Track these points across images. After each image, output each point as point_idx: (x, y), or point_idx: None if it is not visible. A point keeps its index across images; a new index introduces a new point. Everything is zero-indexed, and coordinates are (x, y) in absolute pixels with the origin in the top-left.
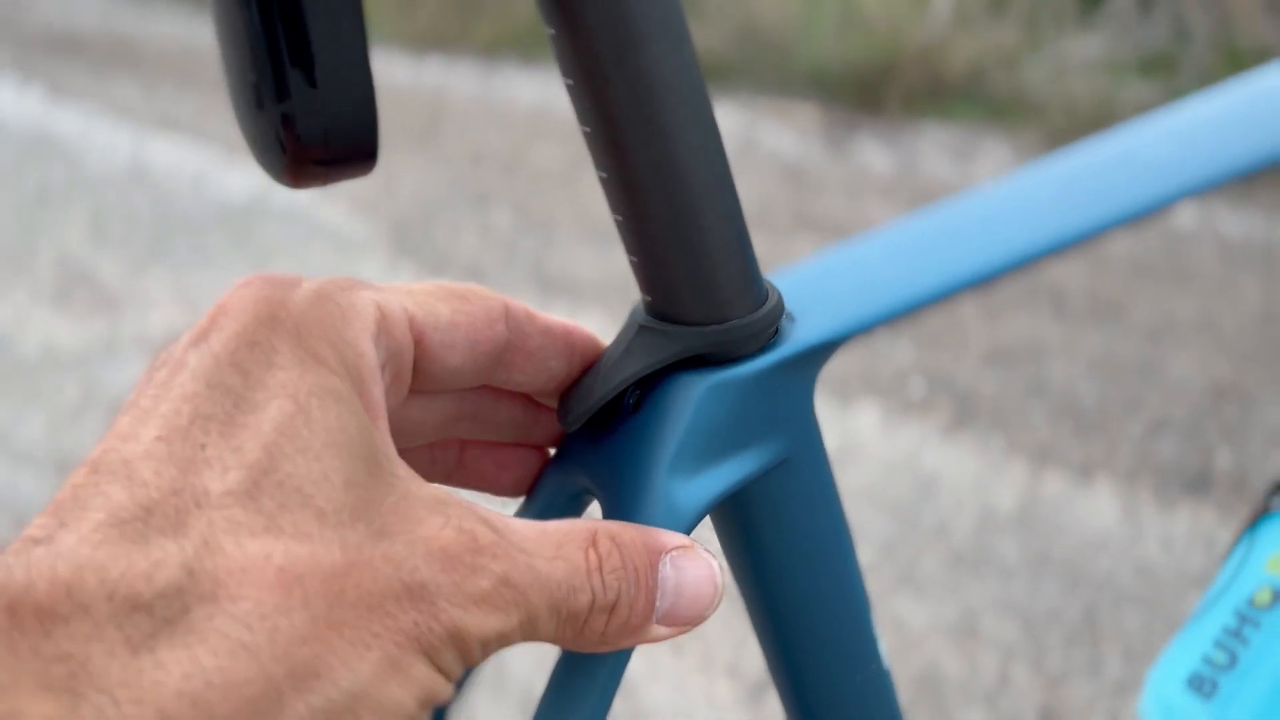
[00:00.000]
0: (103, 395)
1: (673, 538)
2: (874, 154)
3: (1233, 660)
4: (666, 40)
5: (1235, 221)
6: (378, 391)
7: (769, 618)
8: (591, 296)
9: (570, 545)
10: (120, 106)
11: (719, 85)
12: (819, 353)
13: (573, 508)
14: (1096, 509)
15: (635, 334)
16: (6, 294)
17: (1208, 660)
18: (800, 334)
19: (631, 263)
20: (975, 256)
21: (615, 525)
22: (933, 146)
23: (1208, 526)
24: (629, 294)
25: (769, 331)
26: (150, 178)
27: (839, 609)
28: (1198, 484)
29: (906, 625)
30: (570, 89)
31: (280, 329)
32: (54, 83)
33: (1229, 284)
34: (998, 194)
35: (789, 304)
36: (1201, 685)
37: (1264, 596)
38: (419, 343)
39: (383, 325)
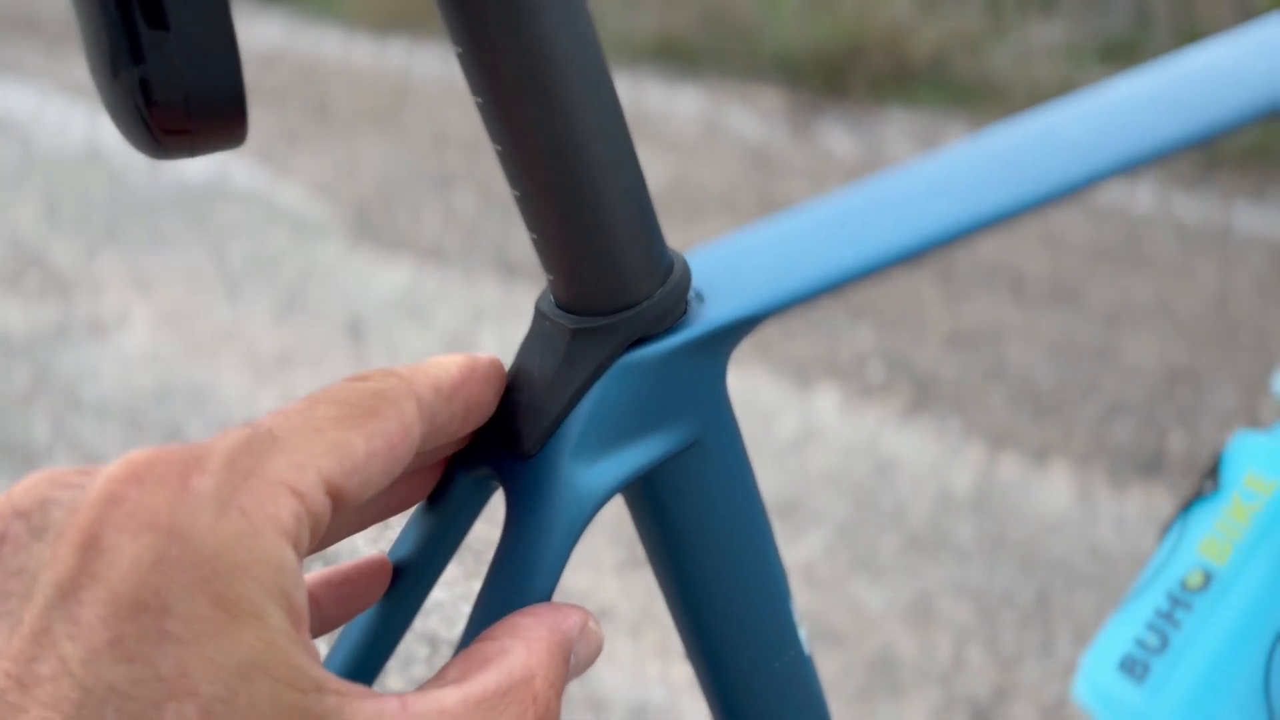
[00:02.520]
0: (53, 380)
1: (573, 618)
2: (838, 138)
3: (1164, 643)
4: (561, 9)
5: (1192, 206)
6: (300, 597)
7: (684, 603)
8: None
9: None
10: (75, 87)
11: (684, 68)
12: (730, 333)
13: (478, 495)
14: (1052, 492)
15: (570, 340)
16: None
17: (1140, 643)
18: (710, 314)
19: (533, 240)
20: (893, 235)
21: (535, 657)
22: (897, 131)
23: (1160, 509)
24: None
25: (676, 310)
26: (105, 159)
27: (755, 594)
28: (1151, 467)
29: (863, 608)
30: (461, 58)
31: (175, 575)
32: (5, 61)
33: (1185, 268)
34: (919, 172)
35: (701, 283)
36: (1133, 668)
37: (1195, 579)
38: (337, 497)
39: (301, 516)
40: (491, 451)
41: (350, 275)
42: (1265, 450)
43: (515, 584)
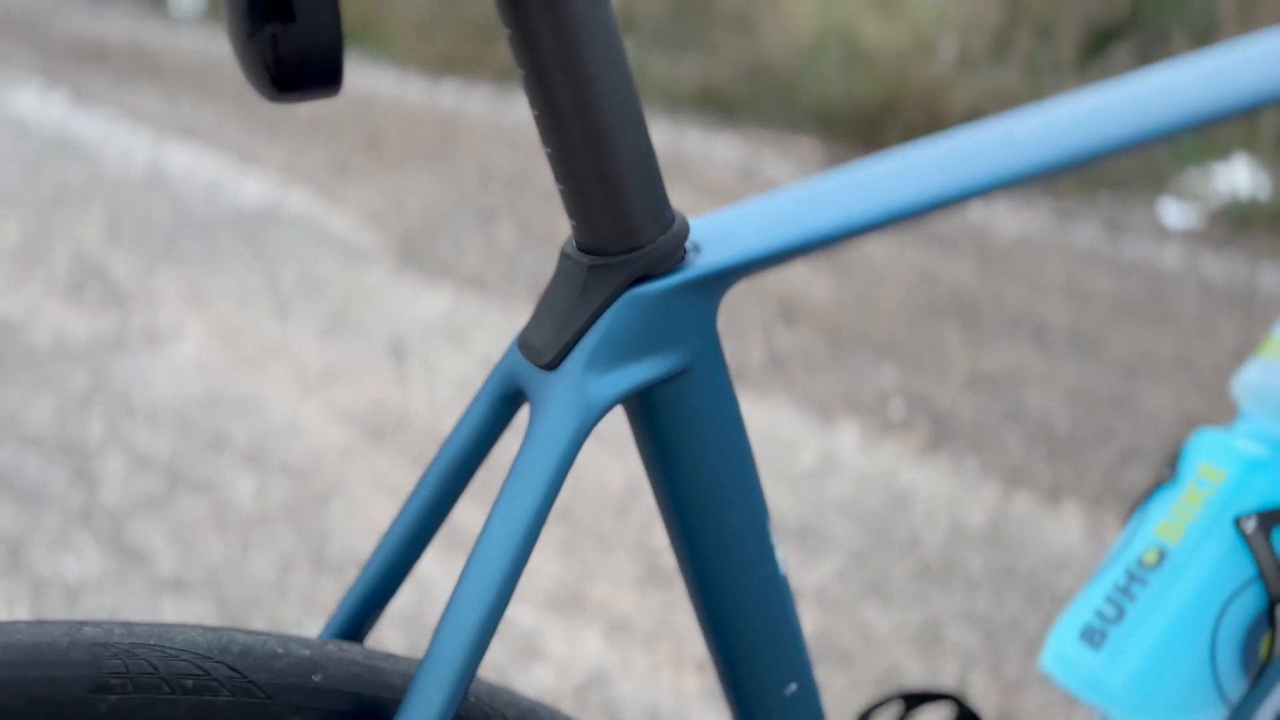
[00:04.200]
0: (109, 386)
1: None
2: None
3: (1120, 614)
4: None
5: (1219, 265)
6: None
7: (674, 514)
8: None
9: None
10: (140, 114)
11: (724, 117)
12: (720, 278)
13: (504, 413)
14: (1063, 529)
15: (586, 274)
16: (22, 285)
17: (1099, 614)
18: (704, 261)
19: (560, 191)
20: (869, 205)
21: None
22: None
23: None
24: None
25: (676, 254)
26: (167, 182)
27: (735, 511)
28: None
29: (872, 630)
30: (509, 38)
31: None
32: (78, 89)
33: (1208, 325)
34: (913, 154)
35: (700, 238)
36: (1092, 637)
37: (1151, 556)
38: None
39: None
40: (520, 367)
41: (394, 299)
42: (1220, 444)
43: (535, 473)
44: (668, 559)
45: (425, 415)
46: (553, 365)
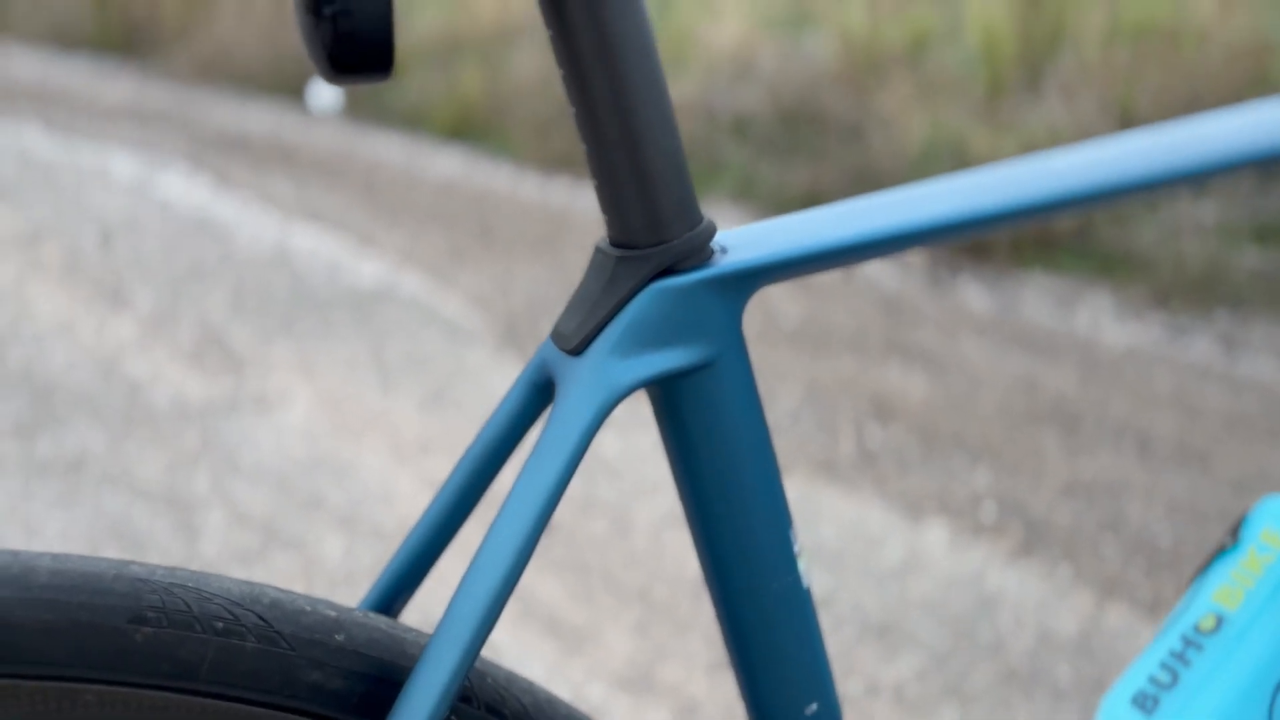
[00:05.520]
0: (218, 445)
1: None
2: (975, 295)
3: (1174, 679)
4: (625, 8)
5: None
6: None
7: (695, 510)
8: None
9: None
10: (273, 198)
11: None
12: (744, 278)
13: (540, 397)
14: None
15: (615, 265)
16: (149, 350)
17: (1152, 680)
18: (729, 261)
19: (595, 187)
20: (900, 223)
21: None
22: (1036, 293)
23: None
24: None
25: (703, 252)
26: (291, 261)
27: (756, 515)
28: None
29: None
30: (551, 40)
31: None
32: (219, 174)
33: None
34: (945, 181)
35: (730, 243)
36: (1145, 703)
37: (1208, 622)
38: None
39: None
40: (551, 354)
41: (494, 377)
42: None
43: (555, 451)
44: None
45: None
46: (578, 350)
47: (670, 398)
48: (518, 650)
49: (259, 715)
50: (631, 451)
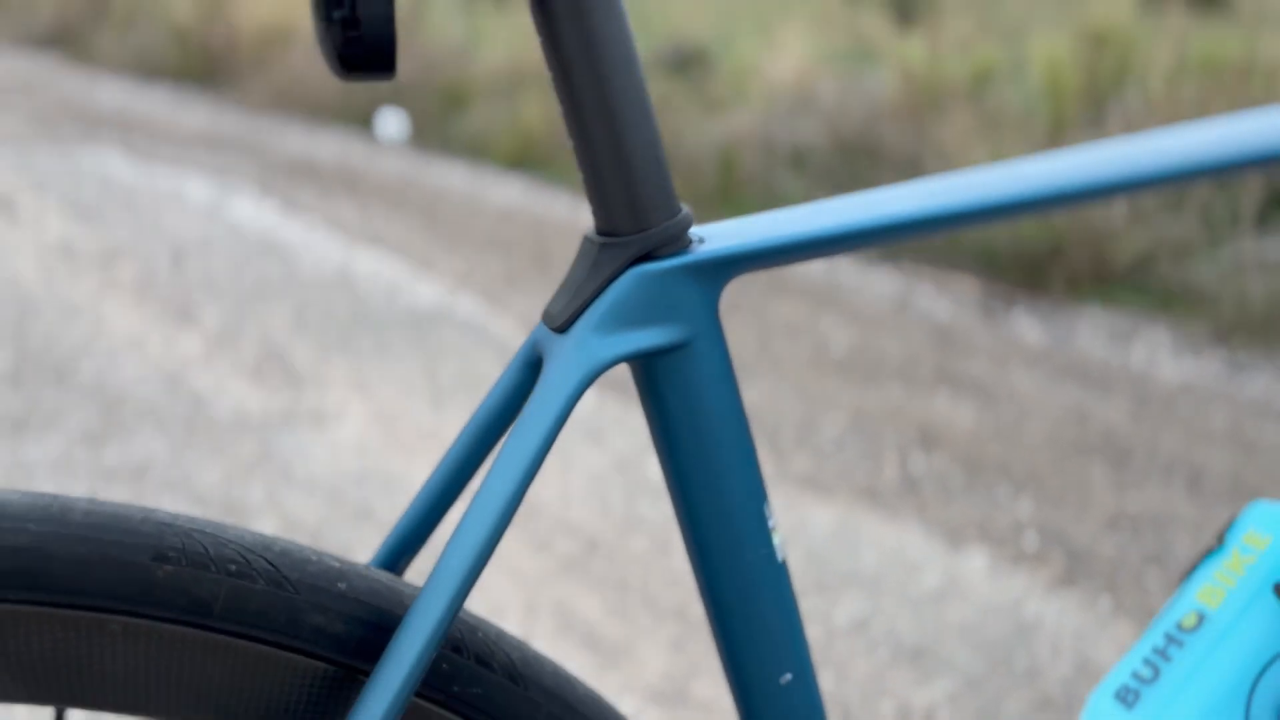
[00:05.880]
0: (274, 457)
1: None
2: (1029, 327)
3: (1156, 674)
4: (606, 18)
5: None
6: None
7: (675, 482)
8: None
9: None
10: (338, 222)
11: (883, 253)
12: (718, 266)
13: (530, 374)
14: None
15: (598, 251)
16: (214, 364)
17: (1135, 675)
18: (704, 249)
19: (583, 180)
20: (873, 219)
21: None
22: (1091, 327)
23: None
24: (760, 422)
25: (681, 240)
26: (352, 282)
27: (731, 487)
28: None
29: None
30: (542, 44)
31: None
32: (287, 199)
33: None
34: (922, 182)
35: (709, 235)
36: (1126, 697)
37: (1190, 620)
38: None
39: None
40: (541, 333)
41: None
42: (1268, 513)
43: (538, 419)
44: None
45: (556, 504)
46: (564, 329)
47: (650, 375)
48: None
49: (266, 653)
50: None
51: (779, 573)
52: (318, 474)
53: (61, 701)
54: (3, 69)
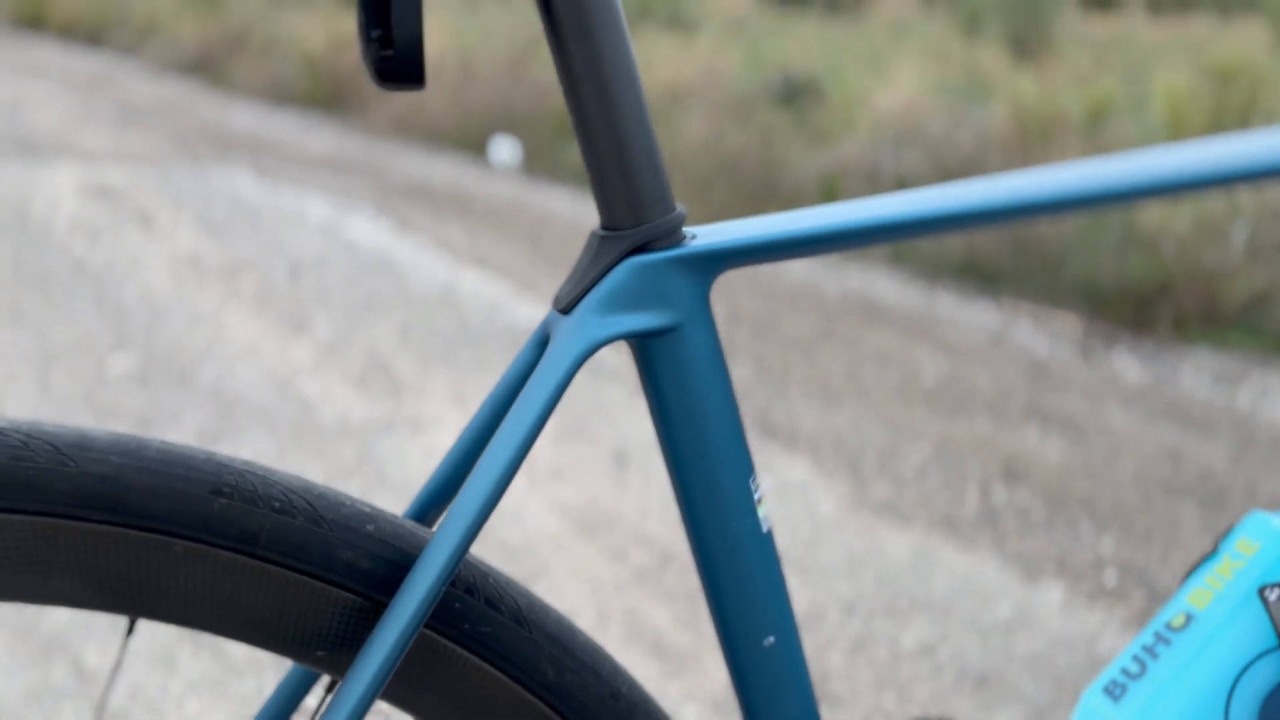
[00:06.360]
0: (373, 461)
1: None
2: (1129, 366)
3: (1142, 670)
4: (607, 32)
5: None
6: None
7: (669, 454)
8: (805, 447)
9: None
10: (447, 243)
11: (983, 287)
12: (708, 259)
13: (541, 351)
14: None
15: (599, 242)
16: (322, 372)
17: (1124, 671)
18: (695, 244)
19: (590, 181)
20: (861, 220)
21: None
22: (1196, 369)
23: None
24: (842, 448)
25: (674, 235)
26: (456, 300)
27: (720, 460)
28: None
29: None
30: (555, 62)
31: None
32: (401, 220)
33: None
34: (911, 192)
35: (702, 233)
36: (1114, 691)
37: (1179, 620)
38: None
39: None
40: (550, 315)
41: (627, 414)
42: (1261, 522)
43: (542, 387)
44: (840, 683)
45: (634, 517)
46: (567, 310)
47: (645, 355)
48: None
49: (303, 582)
50: None
51: (764, 542)
52: (411, 478)
53: (134, 612)
54: (149, 94)
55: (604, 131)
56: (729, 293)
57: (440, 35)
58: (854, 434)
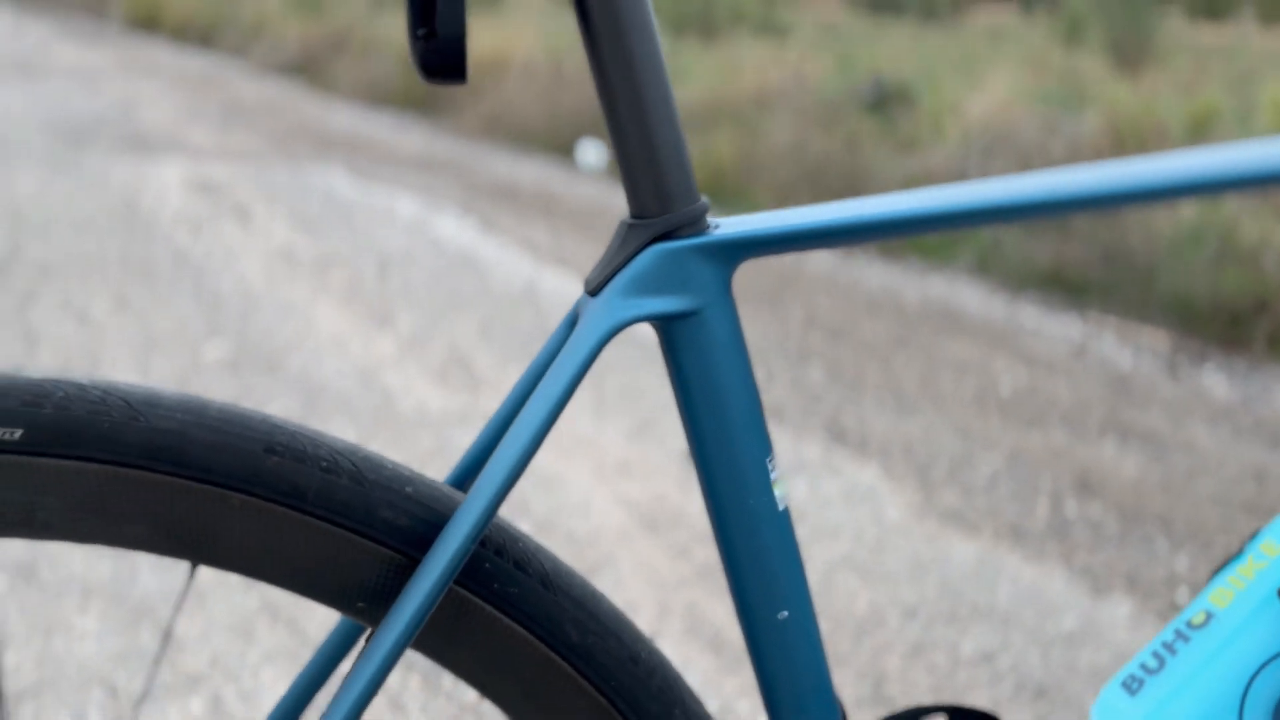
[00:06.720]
0: (450, 450)
1: None
2: (1217, 383)
3: (1160, 665)
4: (637, 32)
5: None
6: None
7: (691, 432)
8: (875, 453)
9: None
10: (530, 243)
11: (1068, 299)
12: (729, 247)
13: (570, 330)
14: None
15: (627, 229)
16: (404, 365)
17: (1143, 666)
18: (717, 232)
19: (620, 172)
20: (880, 213)
21: None
22: None
23: None
24: (912, 455)
25: (698, 224)
26: (536, 298)
27: (738, 439)
28: None
29: None
30: (589, 60)
31: None
32: (486, 219)
33: None
34: (930, 189)
35: (725, 224)
36: (1132, 685)
37: (1199, 618)
38: None
39: None
40: (581, 297)
41: None
42: None
43: (570, 361)
44: (895, 686)
45: (698, 516)
46: (595, 292)
47: (669, 337)
48: (679, 661)
49: (346, 538)
50: (819, 498)
51: (781, 519)
52: None
53: (195, 558)
54: (252, 93)
55: (633, 126)
56: (804, 298)
57: (531, 38)
58: (925, 442)
